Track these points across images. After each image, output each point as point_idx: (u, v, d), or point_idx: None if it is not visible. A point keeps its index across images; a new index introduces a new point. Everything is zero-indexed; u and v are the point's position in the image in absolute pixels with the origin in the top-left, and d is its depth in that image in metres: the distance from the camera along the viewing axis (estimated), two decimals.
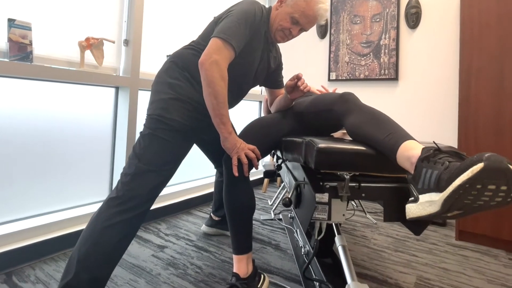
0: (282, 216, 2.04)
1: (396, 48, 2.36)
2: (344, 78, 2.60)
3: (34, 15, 1.46)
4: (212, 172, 2.56)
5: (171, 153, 1.04)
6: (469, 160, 0.56)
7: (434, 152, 0.65)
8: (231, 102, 1.26)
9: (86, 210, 1.65)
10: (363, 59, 2.51)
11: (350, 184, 0.92)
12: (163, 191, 2.08)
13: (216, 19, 1.16)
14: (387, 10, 2.40)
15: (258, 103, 3.15)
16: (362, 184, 0.93)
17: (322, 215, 0.94)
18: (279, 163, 1.57)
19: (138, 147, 1.03)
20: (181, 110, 1.06)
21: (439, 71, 2.25)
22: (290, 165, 1.37)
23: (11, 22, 1.34)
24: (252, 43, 1.15)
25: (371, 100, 2.51)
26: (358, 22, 2.53)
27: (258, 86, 1.47)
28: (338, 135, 1.26)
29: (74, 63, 1.60)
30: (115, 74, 1.80)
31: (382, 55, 2.42)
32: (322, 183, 0.92)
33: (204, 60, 0.99)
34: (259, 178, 2.93)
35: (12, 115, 1.41)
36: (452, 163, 0.58)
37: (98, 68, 1.70)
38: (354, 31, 2.55)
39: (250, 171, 1.13)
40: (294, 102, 1.37)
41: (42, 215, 1.52)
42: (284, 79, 2.96)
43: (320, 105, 1.14)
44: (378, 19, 2.44)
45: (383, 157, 0.85)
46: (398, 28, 2.35)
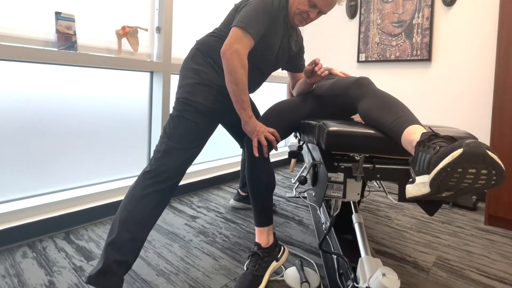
0: (307, 194, 2.12)
1: (430, 27, 2.26)
2: (374, 59, 2.55)
3: (76, 7, 1.61)
4: (240, 152, 2.68)
5: (197, 132, 1.15)
6: (451, 146, 0.61)
7: (430, 137, 0.70)
8: (254, 85, 1.32)
9: (128, 182, 1.84)
10: (394, 39, 2.43)
11: (364, 165, 0.97)
12: (197, 168, 2.25)
13: (236, 7, 1.22)
14: None
15: (285, 85, 3.19)
16: (376, 166, 0.97)
17: (337, 193, 1.01)
18: (301, 144, 1.64)
19: (168, 127, 1.15)
20: (205, 93, 1.15)
21: (475, 52, 2.14)
22: (310, 146, 1.43)
23: (58, 15, 1.50)
24: (272, 29, 1.19)
25: (401, 82, 2.45)
26: (390, 0, 2.44)
27: (280, 70, 1.52)
28: (358, 118, 1.30)
29: (112, 50, 1.75)
30: (149, 60, 1.93)
31: (414, 35, 2.33)
32: (337, 164, 0.98)
33: (225, 50, 1.07)
34: (286, 158, 3.01)
35: (61, 99, 1.60)
36: (442, 147, 0.63)
37: (134, 54, 1.84)
38: (385, 10, 2.47)
39: (270, 152, 1.21)
40: (314, 86, 1.41)
41: (92, 185, 1.73)
42: (310, 60, 2.95)
43: (337, 89, 1.18)
44: None
45: (392, 140, 0.89)
46: (432, 5, 2.24)
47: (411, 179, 0.70)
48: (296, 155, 1.79)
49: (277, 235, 1.55)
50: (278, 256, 1.24)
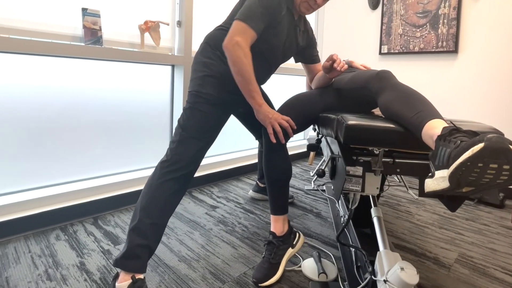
0: (326, 187, 2.12)
1: (457, 18, 2.17)
2: (397, 51, 2.48)
3: (100, 3, 1.67)
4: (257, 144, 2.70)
5: (209, 123, 1.18)
6: (472, 140, 0.59)
7: (451, 132, 0.68)
8: (262, 77, 1.34)
9: (151, 171, 1.91)
10: (418, 30, 2.36)
11: (384, 159, 0.96)
12: (217, 159, 2.30)
13: (241, 0, 1.24)
14: None
15: (302, 78, 3.16)
16: (396, 160, 0.97)
17: (356, 187, 1.01)
18: (319, 137, 1.64)
19: (182, 119, 1.19)
20: (215, 85, 1.19)
21: (505, 43, 2.03)
22: (329, 139, 1.43)
23: (84, 11, 1.56)
24: (277, 20, 1.20)
25: (425, 75, 2.38)
26: None
27: (294, 62, 1.52)
28: (379, 112, 1.28)
29: (135, 45, 1.80)
30: (170, 54, 1.98)
31: (440, 25, 2.25)
32: (356, 158, 0.98)
33: (227, 43, 1.10)
34: (305, 151, 3.01)
35: (88, 92, 1.67)
36: (463, 142, 0.61)
37: (156, 48, 1.89)
38: (409, 1, 2.39)
39: (288, 141, 1.22)
40: (334, 79, 1.40)
41: (118, 174, 1.81)
42: (332, 52, 2.91)
43: (357, 82, 1.17)
44: None
45: (411, 134, 0.88)
46: None
47: (430, 174, 0.70)
48: (315, 148, 1.79)
49: (295, 226, 1.56)
50: (294, 243, 1.26)
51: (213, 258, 1.27)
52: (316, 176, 2.28)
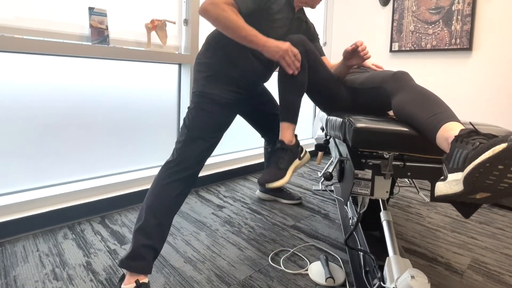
0: (334, 187, 2.08)
1: (472, 14, 2.10)
2: (408, 49, 2.42)
3: (107, 2, 1.67)
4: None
5: (214, 123, 1.17)
6: (493, 140, 0.55)
7: (470, 133, 0.64)
8: (264, 74, 1.31)
9: (157, 170, 1.91)
10: (430, 27, 2.29)
11: (394, 162, 0.93)
12: (224, 158, 2.29)
13: None
14: None
15: None
16: (407, 163, 0.93)
17: (365, 190, 0.98)
18: (327, 138, 1.61)
19: (187, 119, 1.18)
20: (218, 85, 1.18)
21: None
22: (337, 140, 1.40)
23: (91, 10, 1.56)
24: (271, 8, 1.18)
25: (438, 73, 2.31)
26: None
27: None
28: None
29: (142, 43, 1.79)
30: (177, 52, 1.97)
31: (453, 22, 2.17)
32: (365, 160, 0.95)
33: (202, 7, 1.06)
34: (313, 150, 2.97)
35: (96, 90, 1.67)
36: (482, 144, 0.57)
37: (163, 47, 1.87)
38: None
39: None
40: (348, 78, 1.36)
41: (125, 172, 1.81)
42: (341, 49, 2.85)
43: (372, 82, 1.14)
44: None
45: (423, 137, 0.83)
46: None
47: (442, 177, 0.66)
48: (323, 149, 1.76)
49: (302, 228, 1.54)
50: (301, 155, 1.20)
51: (219, 260, 1.25)
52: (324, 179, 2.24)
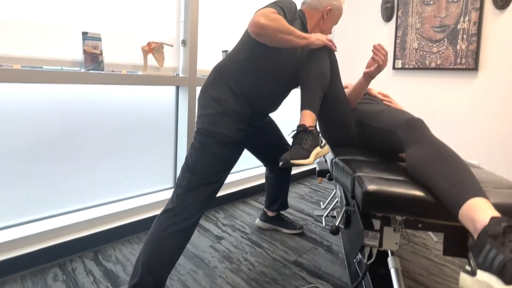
0: (336, 212, 2.02)
1: (478, 33, 2.04)
2: (412, 67, 2.36)
3: (100, 24, 1.60)
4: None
5: (220, 165, 1.11)
6: None
7: (505, 229, 0.57)
8: (276, 99, 1.28)
9: (154, 198, 1.84)
10: (435, 45, 2.23)
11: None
12: None
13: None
14: None
15: None
16: (418, 218, 0.87)
17: (373, 241, 0.92)
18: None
19: (190, 159, 1.10)
20: (227, 123, 1.10)
21: None
22: None
23: (84, 35, 1.49)
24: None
25: (443, 93, 2.25)
26: (431, 3, 2.23)
27: None
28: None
29: (138, 66, 1.73)
30: (175, 74, 1.90)
31: (459, 41, 2.12)
32: (373, 212, 0.88)
33: (253, 22, 1.01)
34: (314, 168, 2.90)
35: (87, 113, 1.61)
36: None
37: (160, 69, 1.81)
38: (426, 14, 2.26)
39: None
40: (359, 108, 1.34)
41: (120, 200, 1.74)
42: (342, 65, 2.79)
43: (384, 123, 1.07)
44: None
45: (441, 205, 0.76)
46: (481, 9, 2.01)
47: (469, 268, 0.59)
48: (324, 174, 1.70)
49: (304, 264, 1.48)
50: (322, 144, 1.12)
51: None
52: (328, 213, 2.17)
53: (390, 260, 1.12)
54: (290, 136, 1.13)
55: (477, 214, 0.64)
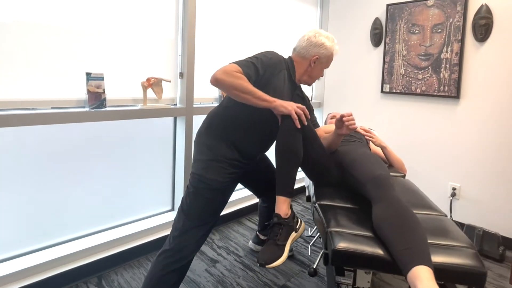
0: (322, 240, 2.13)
1: (459, 63, 2.15)
2: (399, 91, 2.48)
3: (100, 64, 1.71)
4: None
5: (213, 208, 1.22)
6: None
7: None
8: (266, 143, 1.35)
9: (153, 222, 1.96)
10: (420, 72, 2.34)
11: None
12: None
13: None
14: (451, 20, 2.17)
15: None
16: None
17: (348, 280, 1.04)
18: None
19: (185, 203, 1.21)
20: (218, 169, 1.21)
21: (510, 91, 2.01)
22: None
23: (88, 76, 1.60)
24: (276, 82, 1.26)
25: (427, 118, 2.37)
26: (417, 32, 2.34)
27: None
28: None
29: (138, 100, 1.84)
30: (172, 105, 2.02)
31: (442, 69, 2.23)
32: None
33: (214, 75, 1.12)
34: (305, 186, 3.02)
35: (92, 142, 1.72)
36: None
37: (159, 101, 1.92)
38: (412, 42, 2.38)
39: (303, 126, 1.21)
40: (340, 150, 1.42)
41: (120, 226, 1.86)
42: (334, 89, 2.90)
43: (357, 172, 1.18)
44: (439, 30, 2.23)
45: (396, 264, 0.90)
46: (463, 40, 2.13)
47: None
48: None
49: (291, 287, 1.59)
50: (297, 227, 1.23)
51: None
52: (315, 240, 2.26)
53: None
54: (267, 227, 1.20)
55: (418, 283, 0.76)
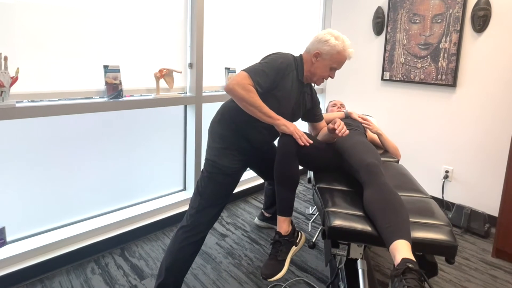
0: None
1: (457, 53, 2.24)
2: (398, 79, 2.58)
3: (116, 55, 1.84)
4: None
5: (224, 191, 1.38)
6: None
7: (405, 270, 0.85)
8: (273, 138, 1.48)
9: (167, 201, 2.15)
10: (419, 61, 2.44)
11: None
12: None
13: None
14: (451, 10, 2.24)
15: None
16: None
17: (342, 252, 1.22)
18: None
19: (200, 185, 1.37)
20: (230, 156, 1.36)
21: (504, 82, 2.12)
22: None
23: (106, 68, 1.74)
24: (285, 85, 1.35)
25: (425, 105, 2.48)
26: (417, 21, 2.42)
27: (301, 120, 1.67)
28: None
29: (151, 90, 1.98)
30: (183, 94, 2.15)
31: (440, 59, 2.32)
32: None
33: (228, 85, 1.24)
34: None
35: (111, 128, 1.89)
36: None
37: (170, 90, 2.06)
38: (412, 31, 2.45)
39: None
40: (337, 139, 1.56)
41: (139, 203, 2.06)
42: (342, 76, 2.99)
43: (352, 159, 1.33)
44: (439, 20, 2.31)
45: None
46: (461, 31, 2.21)
47: None
48: None
49: (293, 259, 1.79)
50: (297, 241, 1.37)
51: None
52: (315, 218, 2.44)
53: (359, 263, 1.42)
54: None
55: (397, 253, 0.93)
